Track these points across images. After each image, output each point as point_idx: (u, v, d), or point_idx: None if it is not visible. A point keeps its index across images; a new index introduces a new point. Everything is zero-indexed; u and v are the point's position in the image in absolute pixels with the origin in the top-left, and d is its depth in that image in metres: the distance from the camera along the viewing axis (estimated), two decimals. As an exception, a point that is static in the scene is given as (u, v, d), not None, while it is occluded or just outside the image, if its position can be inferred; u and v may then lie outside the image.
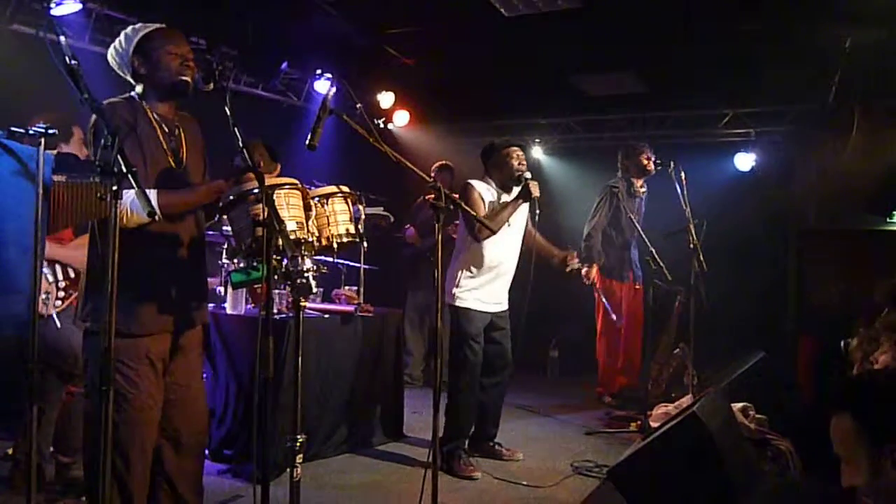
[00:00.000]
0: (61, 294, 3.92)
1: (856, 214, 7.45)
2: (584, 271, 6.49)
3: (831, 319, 6.65)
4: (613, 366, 6.89)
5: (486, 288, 4.91)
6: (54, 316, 3.89)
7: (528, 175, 4.82)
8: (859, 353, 3.65)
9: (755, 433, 4.47)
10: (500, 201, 4.90)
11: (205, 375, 4.05)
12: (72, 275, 3.95)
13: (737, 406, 4.54)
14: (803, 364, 6.52)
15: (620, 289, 6.80)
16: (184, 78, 3.02)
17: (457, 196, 3.75)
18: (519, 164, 4.89)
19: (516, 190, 4.90)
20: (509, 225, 4.81)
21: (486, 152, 5.05)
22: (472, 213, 4.37)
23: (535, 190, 4.75)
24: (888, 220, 7.35)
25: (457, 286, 4.88)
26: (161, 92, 3.07)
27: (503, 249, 4.91)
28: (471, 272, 4.89)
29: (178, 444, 3.13)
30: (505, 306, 5.07)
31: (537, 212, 4.85)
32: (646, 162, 6.65)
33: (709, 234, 5.92)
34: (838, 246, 7.39)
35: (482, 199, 4.86)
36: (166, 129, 3.06)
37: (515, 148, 4.95)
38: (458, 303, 4.88)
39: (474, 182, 4.93)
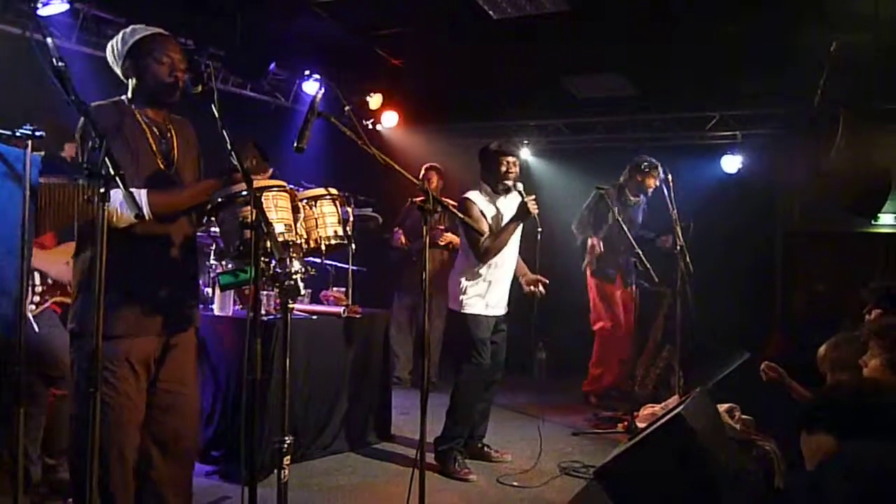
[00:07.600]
0: (36, 298, 3.87)
1: (841, 217, 7.50)
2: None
3: (814, 320, 6.73)
4: (605, 366, 6.86)
5: (491, 293, 4.92)
6: (30, 319, 3.83)
7: (521, 187, 4.77)
8: (834, 355, 3.69)
9: (741, 434, 4.49)
10: (497, 210, 4.90)
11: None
12: (49, 281, 3.91)
13: (723, 407, 4.56)
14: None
15: (614, 292, 6.77)
16: (168, 84, 3.00)
17: (450, 202, 3.74)
18: (507, 170, 4.88)
19: (510, 197, 4.92)
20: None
21: (481, 155, 5.05)
22: (477, 234, 4.58)
23: (533, 207, 4.68)
24: (873, 222, 7.40)
25: (463, 293, 4.88)
26: (147, 97, 3.05)
27: (504, 255, 4.90)
28: (475, 279, 4.88)
29: (166, 450, 3.09)
30: (506, 308, 5.07)
31: (539, 229, 4.84)
32: (649, 182, 6.58)
33: (695, 235, 5.95)
34: (824, 248, 7.44)
35: (483, 214, 4.85)
36: (156, 132, 3.04)
37: (508, 156, 4.92)
38: (466, 310, 4.88)
39: (472, 196, 4.92)
